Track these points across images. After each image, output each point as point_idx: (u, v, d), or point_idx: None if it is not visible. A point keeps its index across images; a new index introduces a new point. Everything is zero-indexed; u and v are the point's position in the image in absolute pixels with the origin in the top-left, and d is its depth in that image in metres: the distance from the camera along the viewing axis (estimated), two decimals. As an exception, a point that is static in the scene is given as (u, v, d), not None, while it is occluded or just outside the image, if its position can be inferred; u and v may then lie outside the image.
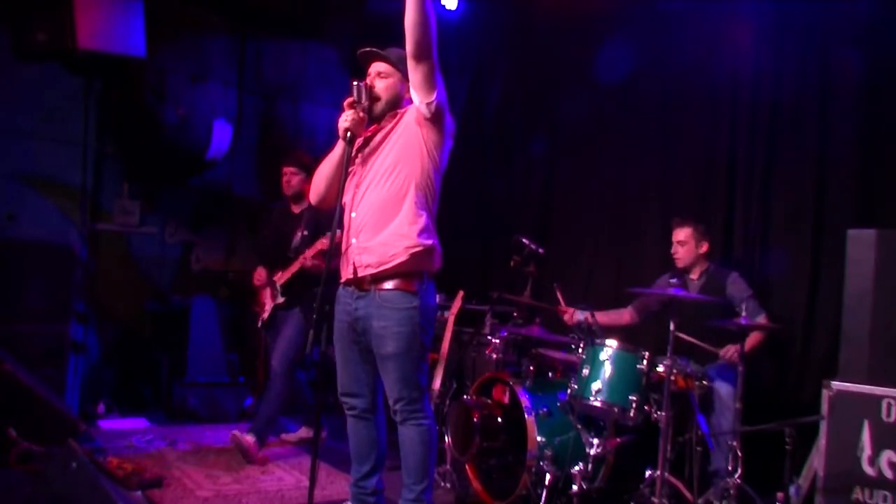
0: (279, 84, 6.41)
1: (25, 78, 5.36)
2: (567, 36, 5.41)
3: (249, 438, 4.30)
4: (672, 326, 3.44)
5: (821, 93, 4.02)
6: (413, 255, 2.94)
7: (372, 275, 2.97)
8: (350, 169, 3.06)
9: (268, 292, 4.69)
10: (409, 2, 2.79)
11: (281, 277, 4.57)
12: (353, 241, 3.03)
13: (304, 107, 6.54)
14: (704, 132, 4.57)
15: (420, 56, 2.85)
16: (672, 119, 4.77)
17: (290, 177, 4.67)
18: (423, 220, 2.99)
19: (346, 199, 3.06)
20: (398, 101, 3.10)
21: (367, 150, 3.09)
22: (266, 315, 4.68)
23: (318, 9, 6.20)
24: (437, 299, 3.23)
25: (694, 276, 4.10)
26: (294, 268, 4.48)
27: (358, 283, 3.02)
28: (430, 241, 3.00)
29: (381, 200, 2.99)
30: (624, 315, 4.33)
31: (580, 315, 4.11)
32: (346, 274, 3.06)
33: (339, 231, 3.05)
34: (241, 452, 4.32)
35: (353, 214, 3.04)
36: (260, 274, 4.71)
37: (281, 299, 4.57)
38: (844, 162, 3.92)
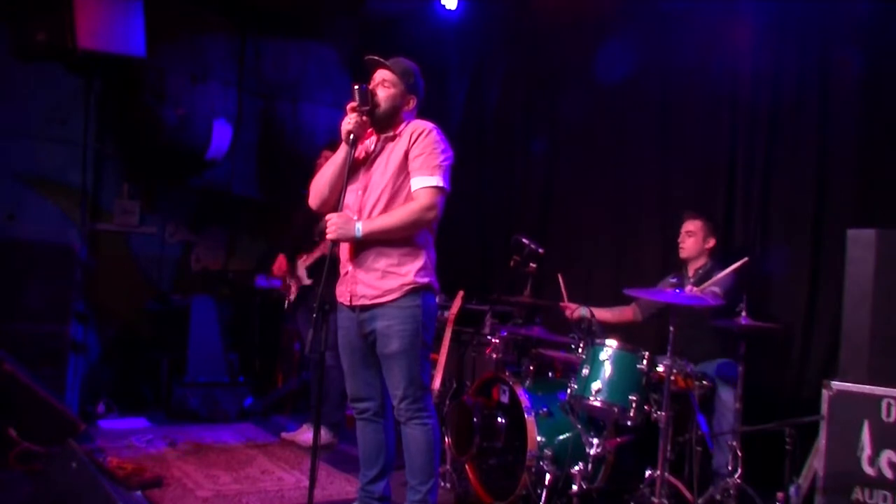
0: (279, 84, 6.41)
1: (25, 78, 5.36)
2: (567, 36, 5.40)
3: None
4: (672, 327, 3.44)
5: (821, 93, 4.01)
6: (407, 292, 3.00)
7: (366, 305, 3.03)
8: (352, 186, 3.08)
9: (294, 275, 4.84)
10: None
11: (306, 260, 4.73)
12: (350, 267, 3.07)
13: (304, 107, 6.54)
14: (704, 132, 4.57)
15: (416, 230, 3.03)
16: (672, 119, 4.77)
17: None
18: (421, 260, 3.04)
19: (351, 212, 3.07)
20: (398, 111, 3.12)
21: (370, 170, 3.10)
22: (293, 297, 4.81)
23: (318, 9, 6.21)
24: (438, 299, 3.25)
25: (690, 272, 4.11)
26: (317, 253, 4.66)
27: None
28: (426, 280, 3.05)
29: None
30: (627, 312, 4.33)
31: (582, 311, 4.12)
32: (343, 298, 3.12)
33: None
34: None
35: None
36: (280, 263, 4.86)
37: (308, 281, 4.73)
38: (844, 162, 3.91)
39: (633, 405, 3.44)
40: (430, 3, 5.88)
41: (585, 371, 3.60)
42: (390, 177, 3.03)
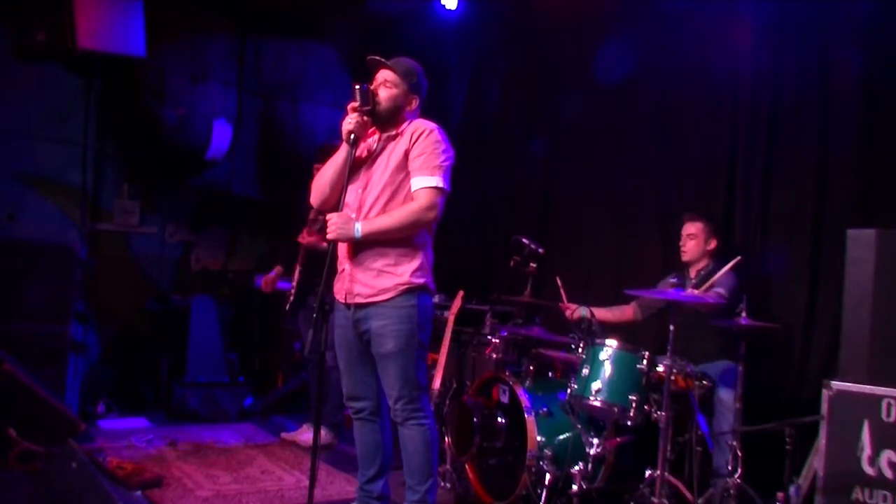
0: (279, 84, 6.41)
1: (25, 78, 5.37)
2: (567, 36, 5.41)
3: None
4: (672, 327, 3.44)
5: (821, 93, 4.01)
6: (402, 292, 3.00)
7: (362, 304, 3.04)
8: (352, 185, 3.08)
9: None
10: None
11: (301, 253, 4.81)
12: (348, 266, 3.07)
13: (304, 107, 6.55)
14: (704, 132, 4.57)
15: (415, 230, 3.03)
16: (672, 119, 4.77)
17: None
18: (418, 260, 3.05)
19: (351, 210, 3.08)
20: (399, 111, 3.12)
21: (370, 168, 3.10)
22: (292, 298, 4.84)
23: (318, 9, 6.20)
24: (436, 299, 3.25)
25: (692, 274, 4.11)
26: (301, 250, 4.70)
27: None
28: (421, 280, 3.05)
29: None
30: (627, 311, 4.33)
31: (582, 311, 4.12)
32: (340, 295, 3.12)
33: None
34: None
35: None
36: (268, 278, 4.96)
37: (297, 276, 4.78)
38: (844, 162, 3.91)
39: (633, 405, 3.44)
40: (430, 3, 5.88)
41: (585, 371, 3.60)
42: (390, 175, 3.03)
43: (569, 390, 3.66)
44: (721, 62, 4.45)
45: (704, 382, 3.67)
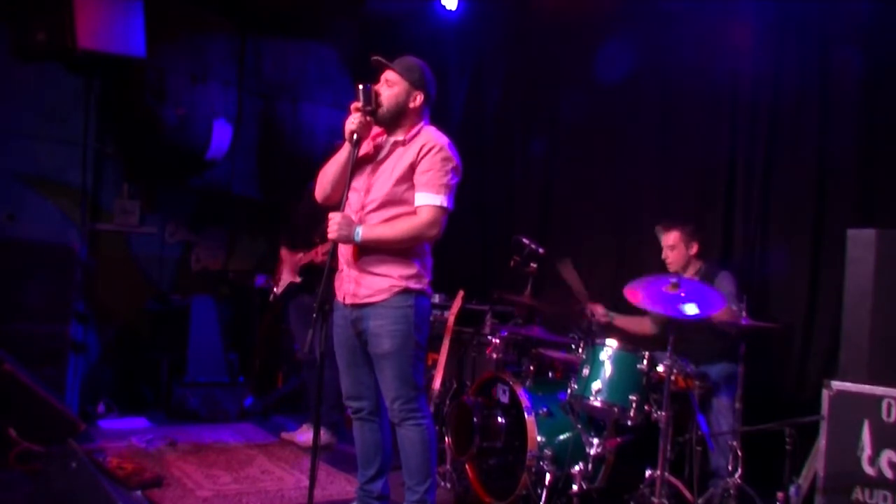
0: (279, 84, 6.41)
1: (25, 78, 5.36)
2: (567, 36, 5.41)
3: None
4: (672, 327, 3.44)
5: (821, 93, 4.02)
6: (398, 293, 3.02)
7: (359, 304, 3.05)
8: (355, 185, 3.08)
9: (287, 268, 4.84)
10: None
11: (302, 259, 4.73)
12: (346, 266, 3.09)
13: (304, 107, 6.53)
14: (704, 132, 4.57)
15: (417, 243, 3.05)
16: (672, 119, 4.77)
17: None
18: (416, 266, 3.06)
19: (354, 213, 3.07)
20: (403, 109, 3.09)
21: (375, 172, 3.09)
22: (279, 290, 4.82)
23: (318, 9, 6.20)
24: (436, 299, 3.25)
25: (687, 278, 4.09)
26: (311, 256, 4.65)
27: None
28: (418, 286, 3.06)
29: None
30: (645, 324, 4.29)
31: (610, 316, 4.12)
32: (339, 295, 3.14)
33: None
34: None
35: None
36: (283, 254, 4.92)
37: (298, 279, 4.75)
38: (844, 162, 3.92)
39: (633, 405, 3.44)
40: (430, 3, 5.88)
41: (585, 371, 3.60)
42: (393, 184, 3.02)
43: (569, 390, 3.66)
44: (721, 62, 4.45)
45: (704, 382, 3.67)
